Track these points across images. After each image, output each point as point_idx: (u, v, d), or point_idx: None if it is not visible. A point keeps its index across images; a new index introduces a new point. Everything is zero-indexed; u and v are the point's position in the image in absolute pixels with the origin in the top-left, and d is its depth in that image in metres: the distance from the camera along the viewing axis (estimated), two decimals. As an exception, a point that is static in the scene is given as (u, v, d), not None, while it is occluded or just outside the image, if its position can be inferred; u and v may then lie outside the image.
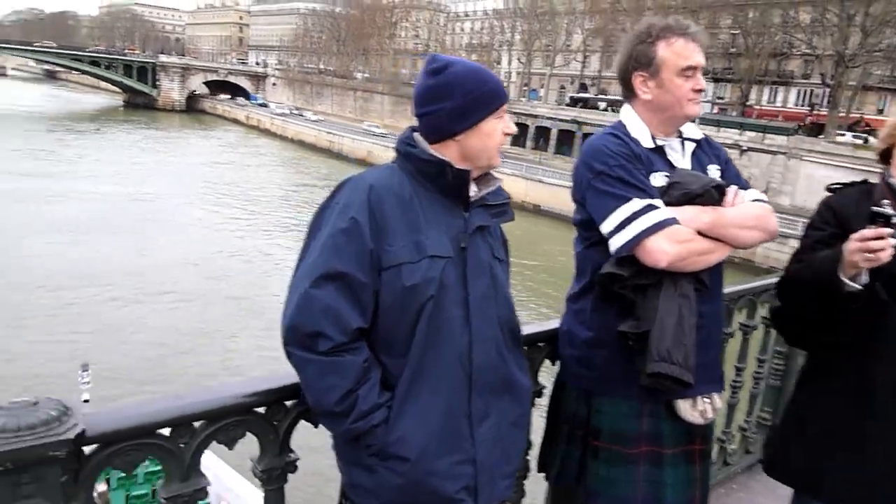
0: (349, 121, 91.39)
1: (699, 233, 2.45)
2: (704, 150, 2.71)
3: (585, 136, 64.20)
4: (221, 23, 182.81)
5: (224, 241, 36.15)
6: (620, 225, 2.41)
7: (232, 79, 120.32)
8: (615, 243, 2.43)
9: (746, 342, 4.16)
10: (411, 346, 2.02)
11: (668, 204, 2.46)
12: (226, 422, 2.05)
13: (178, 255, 31.64)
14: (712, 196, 2.49)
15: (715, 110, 67.53)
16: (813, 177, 43.02)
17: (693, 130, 2.70)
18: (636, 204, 2.41)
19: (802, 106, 66.54)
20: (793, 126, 54.19)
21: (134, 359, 19.41)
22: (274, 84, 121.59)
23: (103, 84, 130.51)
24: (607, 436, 2.59)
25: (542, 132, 69.94)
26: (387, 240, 1.98)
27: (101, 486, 10.54)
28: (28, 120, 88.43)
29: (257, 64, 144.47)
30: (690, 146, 2.68)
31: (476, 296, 2.12)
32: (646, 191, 2.46)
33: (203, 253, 32.94)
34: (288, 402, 2.21)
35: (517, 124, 73.94)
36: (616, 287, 2.45)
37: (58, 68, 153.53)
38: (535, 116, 71.34)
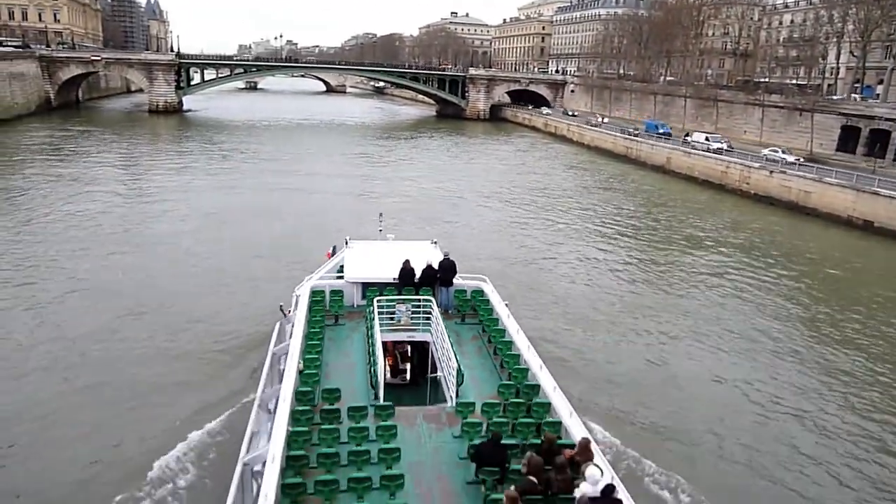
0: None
1: None
2: None
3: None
4: (525, 34, 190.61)
5: (510, 229, 39.68)
6: None
7: (533, 87, 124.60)
8: None
9: None
10: None
11: None
12: None
13: (471, 242, 35.08)
14: None
15: None
16: None
17: None
18: None
19: None
20: None
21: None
22: (572, 91, 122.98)
23: (419, 97, 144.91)
24: None
25: (879, 136, 59.59)
26: None
27: None
28: (360, 129, 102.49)
29: (556, 72, 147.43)
30: None
31: None
32: None
33: (487, 237, 37.69)
34: None
35: (846, 127, 64.36)
36: None
37: (385, 84, 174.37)
38: (871, 118, 61.11)
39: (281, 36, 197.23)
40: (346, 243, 21.15)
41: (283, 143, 78.49)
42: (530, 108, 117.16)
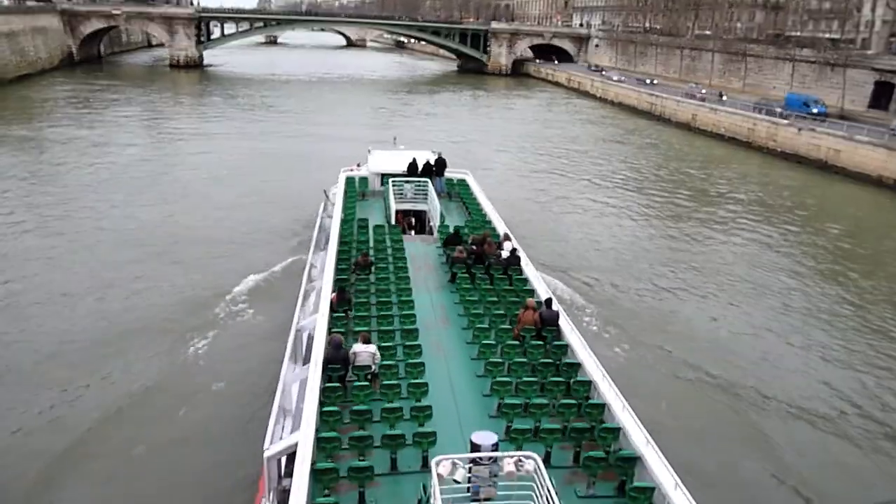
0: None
1: None
2: None
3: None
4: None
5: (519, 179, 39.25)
6: None
7: (556, 41, 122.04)
8: None
9: None
10: None
11: None
12: None
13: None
14: None
15: None
16: None
17: None
18: None
19: None
20: None
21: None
22: (597, 45, 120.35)
23: (441, 51, 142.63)
24: None
25: (913, 92, 57.92)
26: None
27: None
28: (380, 84, 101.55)
29: (581, 26, 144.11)
30: None
31: None
32: None
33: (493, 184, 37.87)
34: None
35: (879, 83, 62.64)
36: None
37: (405, 38, 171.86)
38: (905, 73, 59.26)
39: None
40: (370, 151, 28.16)
41: (304, 97, 78.25)
42: (555, 62, 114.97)
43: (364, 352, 12.00)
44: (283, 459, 10.52)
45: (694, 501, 8.65)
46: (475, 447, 8.68)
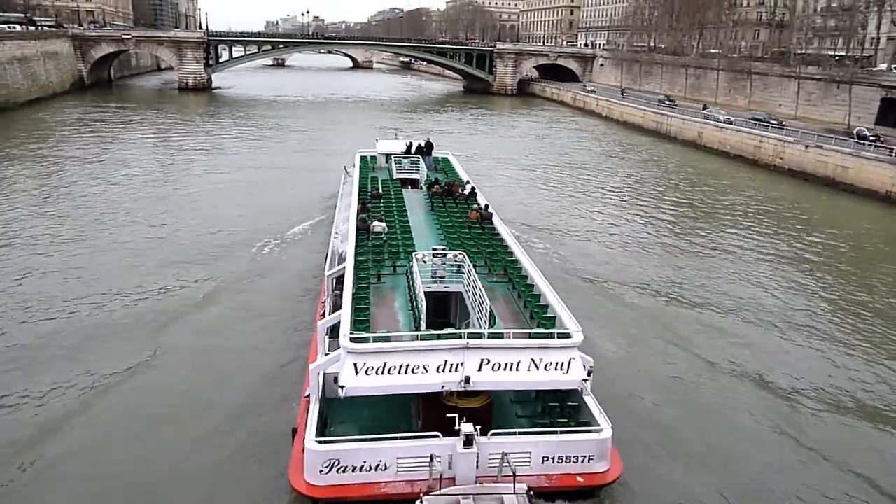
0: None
1: None
2: None
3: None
4: (553, 7, 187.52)
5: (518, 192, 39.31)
6: None
7: (561, 61, 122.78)
8: None
9: None
10: None
11: None
12: None
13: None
14: None
15: None
16: None
17: None
18: None
19: None
20: None
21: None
22: (601, 65, 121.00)
23: (447, 72, 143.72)
24: None
25: (919, 108, 57.85)
26: None
27: None
28: (387, 104, 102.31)
29: (585, 45, 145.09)
30: None
31: None
32: None
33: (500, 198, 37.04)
34: None
35: (885, 99, 62.65)
36: None
37: (411, 60, 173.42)
38: (911, 89, 59.22)
39: (308, 12, 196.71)
40: (377, 140, 36.61)
41: (313, 118, 79.01)
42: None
43: (378, 225, 21.38)
44: (334, 280, 18.65)
45: (557, 294, 16.26)
46: (434, 251, 17.59)
